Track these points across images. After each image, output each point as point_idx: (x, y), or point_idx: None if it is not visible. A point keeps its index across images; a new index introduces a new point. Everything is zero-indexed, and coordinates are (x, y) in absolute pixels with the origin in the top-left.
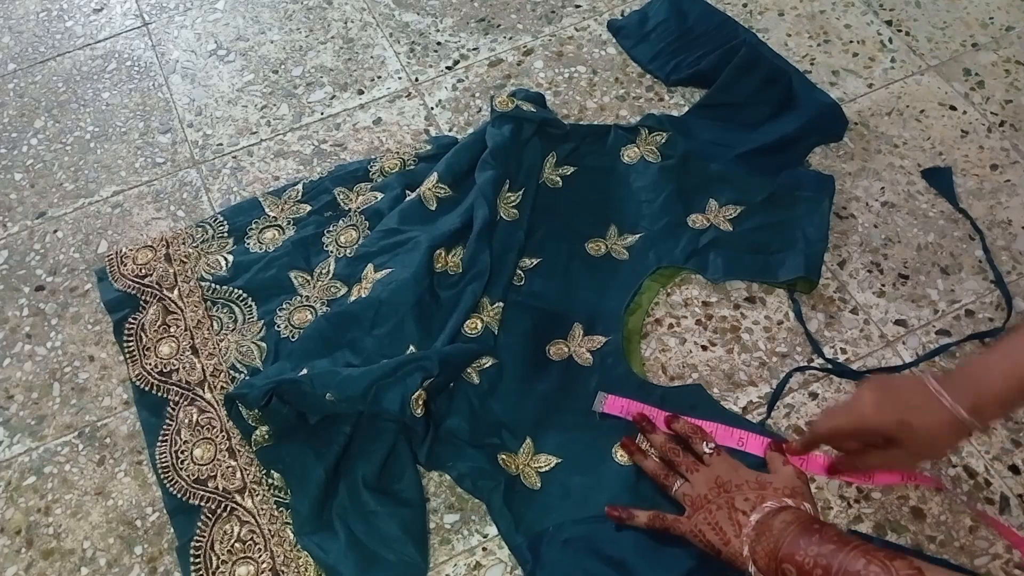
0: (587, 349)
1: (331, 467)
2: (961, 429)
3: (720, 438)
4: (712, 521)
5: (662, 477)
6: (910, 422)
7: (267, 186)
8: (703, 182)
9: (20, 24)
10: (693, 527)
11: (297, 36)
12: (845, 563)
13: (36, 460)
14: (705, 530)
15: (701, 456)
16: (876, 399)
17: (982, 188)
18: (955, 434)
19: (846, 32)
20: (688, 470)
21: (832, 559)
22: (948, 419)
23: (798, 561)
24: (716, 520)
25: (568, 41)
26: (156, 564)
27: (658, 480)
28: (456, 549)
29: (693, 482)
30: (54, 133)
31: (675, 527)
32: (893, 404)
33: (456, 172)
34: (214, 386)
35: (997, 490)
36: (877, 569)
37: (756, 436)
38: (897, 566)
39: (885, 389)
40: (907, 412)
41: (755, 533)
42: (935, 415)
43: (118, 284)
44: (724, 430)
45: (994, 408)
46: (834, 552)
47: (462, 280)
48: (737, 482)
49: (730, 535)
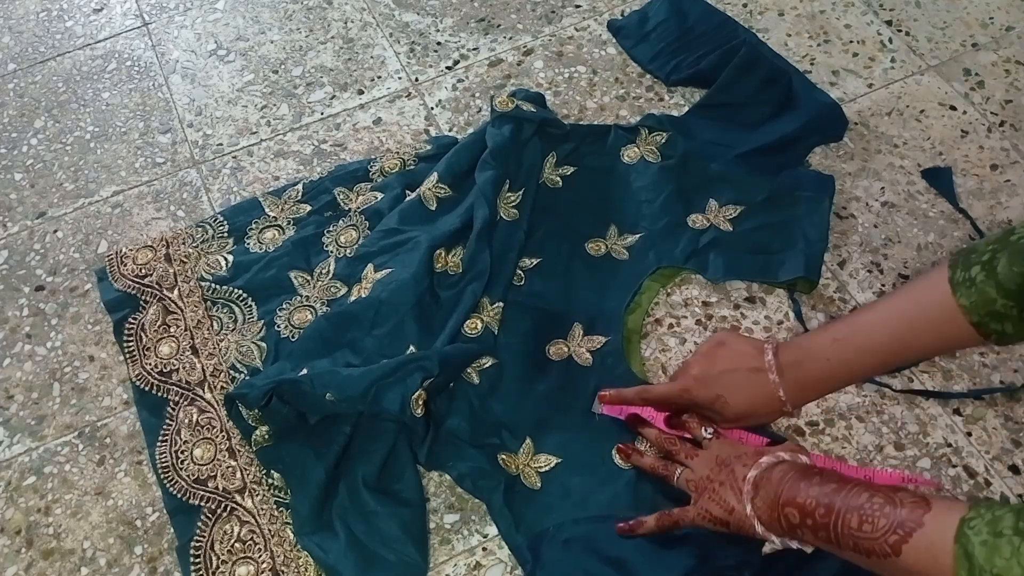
0: (587, 349)
1: (331, 467)
2: (777, 409)
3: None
4: (716, 498)
5: (661, 469)
6: (726, 400)
7: (267, 186)
8: (703, 182)
9: (20, 24)
10: (700, 510)
11: (297, 36)
12: (848, 500)
13: (36, 460)
14: (711, 508)
15: (700, 442)
16: (700, 372)
17: (982, 188)
18: (770, 413)
19: (846, 32)
20: (688, 457)
21: (834, 497)
22: (765, 399)
23: (800, 503)
24: (720, 495)
25: (568, 41)
26: (156, 564)
27: (658, 473)
28: (456, 549)
29: (694, 467)
30: (54, 133)
31: (683, 518)
32: (715, 379)
33: (456, 172)
34: (214, 386)
35: (997, 490)
36: (881, 500)
37: (755, 437)
38: (900, 496)
39: (711, 360)
40: (725, 389)
41: (753, 489)
42: (753, 393)
43: (118, 284)
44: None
45: (810, 396)
46: (835, 491)
47: (462, 280)
48: (736, 454)
49: (733, 502)
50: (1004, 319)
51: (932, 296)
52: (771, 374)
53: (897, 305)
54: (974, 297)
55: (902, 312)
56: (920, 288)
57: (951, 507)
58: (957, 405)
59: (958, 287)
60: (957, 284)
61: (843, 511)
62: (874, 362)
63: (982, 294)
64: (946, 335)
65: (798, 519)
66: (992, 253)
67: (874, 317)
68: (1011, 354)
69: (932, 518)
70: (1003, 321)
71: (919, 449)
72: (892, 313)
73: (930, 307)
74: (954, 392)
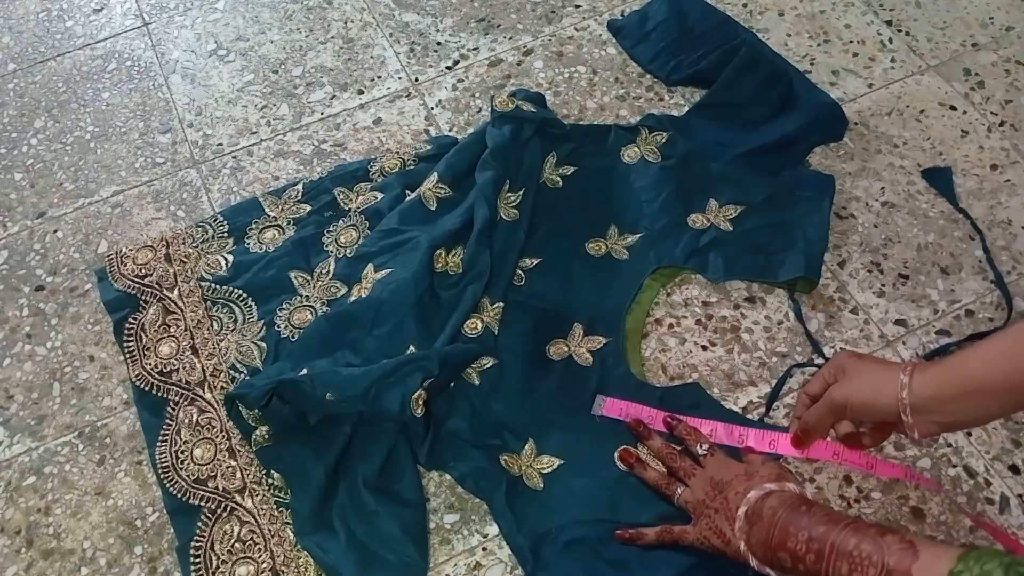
0: (587, 349)
1: (331, 467)
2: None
3: (719, 437)
4: (713, 526)
5: (663, 487)
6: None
7: (267, 186)
8: (703, 182)
9: (20, 24)
10: (699, 535)
11: (297, 36)
12: (837, 543)
13: (36, 460)
14: (709, 536)
15: (698, 458)
16: (849, 388)
17: (982, 188)
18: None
19: (846, 32)
20: (687, 475)
21: (823, 542)
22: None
23: (791, 548)
24: (716, 524)
25: (568, 41)
26: (156, 564)
27: (660, 491)
28: (456, 549)
29: (692, 488)
30: (54, 133)
31: (683, 538)
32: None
33: (456, 172)
34: (214, 386)
35: (997, 490)
36: (868, 548)
37: (756, 431)
38: (888, 541)
39: (856, 374)
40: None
41: (747, 525)
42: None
43: (118, 284)
44: (723, 428)
45: (932, 427)
46: (825, 534)
47: (462, 280)
48: (727, 478)
49: (729, 535)
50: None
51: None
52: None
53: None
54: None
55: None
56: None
57: (939, 556)
58: None
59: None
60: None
61: (832, 558)
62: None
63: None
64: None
65: (790, 563)
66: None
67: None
68: None
69: (919, 569)
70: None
71: (919, 449)
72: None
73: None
74: None
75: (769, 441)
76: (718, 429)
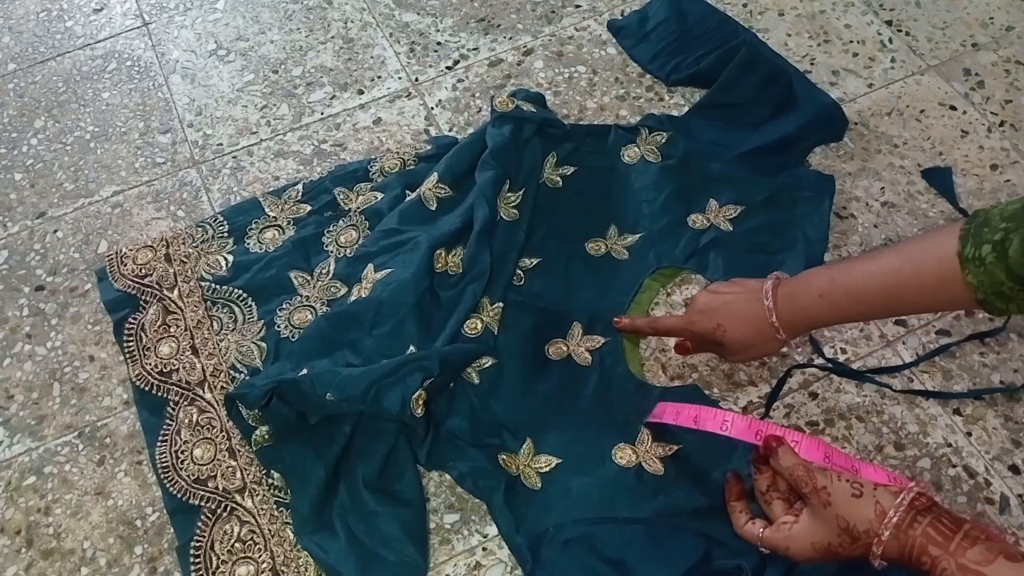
0: (586, 348)
1: (331, 467)
2: (773, 337)
3: (703, 421)
4: (843, 563)
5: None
6: (725, 328)
7: (267, 186)
8: (703, 182)
9: (20, 24)
10: (809, 559)
11: (297, 36)
12: None
13: (36, 460)
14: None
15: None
16: (704, 303)
17: (982, 188)
18: (767, 343)
19: (846, 32)
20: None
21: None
22: (761, 327)
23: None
24: (847, 555)
25: (568, 41)
26: (156, 564)
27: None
28: (456, 549)
29: (811, 528)
30: (54, 133)
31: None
32: (716, 309)
33: (456, 172)
34: (214, 386)
35: (997, 490)
36: None
37: (741, 417)
38: None
39: (716, 292)
40: (725, 317)
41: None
42: (749, 321)
43: (118, 284)
44: (707, 411)
45: (800, 328)
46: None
47: (462, 280)
48: (853, 522)
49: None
50: (1009, 300)
51: (938, 266)
52: (766, 300)
53: (898, 262)
54: (982, 277)
55: (900, 271)
56: (926, 252)
57: None
58: (957, 405)
59: (967, 264)
60: (967, 261)
61: None
62: (860, 310)
63: (991, 275)
64: (941, 301)
65: None
66: (1005, 232)
67: (873, 267)
68: (1011, 354)
69: None
70: (1008, 301)
71: (919, 449)
72: (891, 268)
73: (932, 275)
74: (954, 392)
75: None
76: (702, 412)
